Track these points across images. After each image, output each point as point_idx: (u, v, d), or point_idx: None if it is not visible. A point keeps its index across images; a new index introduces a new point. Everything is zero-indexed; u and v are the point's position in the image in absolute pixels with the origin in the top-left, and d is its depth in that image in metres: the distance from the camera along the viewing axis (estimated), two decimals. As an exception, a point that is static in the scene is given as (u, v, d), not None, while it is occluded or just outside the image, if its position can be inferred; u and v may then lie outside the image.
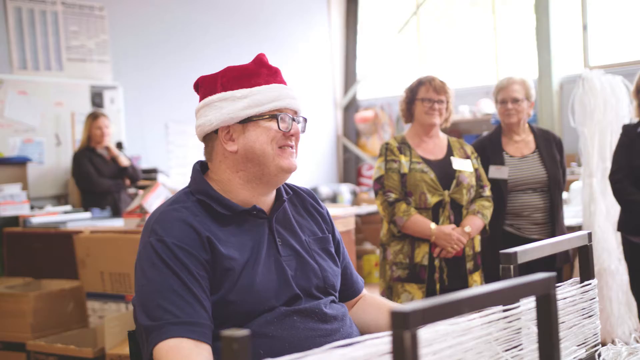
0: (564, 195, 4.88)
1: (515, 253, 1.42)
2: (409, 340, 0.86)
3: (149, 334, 1.50)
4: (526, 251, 1.45)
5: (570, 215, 4.64)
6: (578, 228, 4.29)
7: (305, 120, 1.78)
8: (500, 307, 1.32)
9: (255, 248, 1.66)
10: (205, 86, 1.74)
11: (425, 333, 1.16)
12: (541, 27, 6.97)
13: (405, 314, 0.86)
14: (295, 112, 1.74)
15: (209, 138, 1.74)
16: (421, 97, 3.38)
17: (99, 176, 5.46)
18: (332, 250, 1.83)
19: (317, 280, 1.72)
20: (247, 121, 1.68)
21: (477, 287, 1.01)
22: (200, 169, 1.76)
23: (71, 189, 5.84)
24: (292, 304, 1.66)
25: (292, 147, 1.72)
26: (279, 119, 1.68)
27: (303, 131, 1.77)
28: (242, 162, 1.69)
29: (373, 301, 1.92)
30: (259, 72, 1.72)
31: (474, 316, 1.26)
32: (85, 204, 5.45)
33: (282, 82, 1.75)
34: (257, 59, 1.75)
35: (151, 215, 1.67)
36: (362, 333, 1.80)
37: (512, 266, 1.41)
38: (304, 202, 1.87)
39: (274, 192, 1.77)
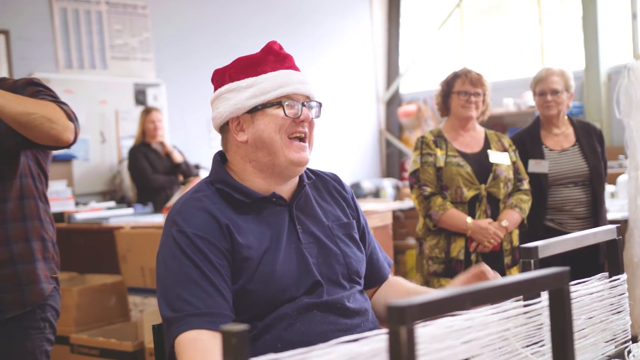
0: (611, 188, 4.77)
1: (535, 247, 1.39)
2: (404, 335, 0.84)
3: (170, 325, 1.52)
4: (547, 245, 1.42)
5: (616, 209, 4.52)
6: (624, 222, 4.19)
7: (319, 104, 1.75)
8: (521, 302, 1.29)
9: (275, 236, 1.65)
10: (217, 79, 1.74)
11: (439, 329, 1.14)
12: (588, 17, 6.80)
13: (402, 309, 0.85)
14: (308, 98, 1.71)
15: (224, 129, 1.75)
16: (457, 90, 3.34)
17: (154, 172, 5.54)
18: (357, 236, 1.81)
19: (339, 266, 1.71)
20: (255, 110, 1.67)
21: (483, 282, 0.99)
22: (221, 159, 1.77)
23: (127, 185, 5.94)
24: (313, 291, 1.65)
25: (303, 136, 1.70)
26: (285, 105, 1.66)
27: (317, 116, 1.74)
28: (253, 152, 1.68)
29: (395, 283, 1.90)
30: (266, 59, 1.70)
31: (491, 311, 1.23)
32: (140, 200, 5.55)
33: (291, 67, 1.72)
34: (266, 47, 1.73)
35: (173, 206, 1.69)
36: (383, 317, 1.79)
37: (532, 260, 1.38)
38: (328, 186, 1.85)
39: (296, 178, 1.75)
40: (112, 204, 5.40)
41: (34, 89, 2.13)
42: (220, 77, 1.73)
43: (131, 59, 6.42)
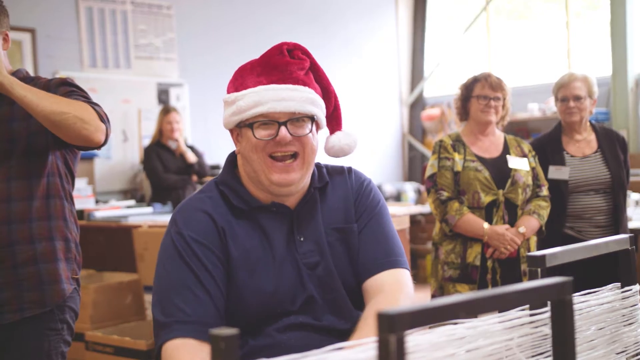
0: (635, 196, 4.69)
1: (543, 256, 1.35)
2: (394, 344, 0.82)
3: (159, 328, 1.52)
4: (556, 254, 1.38)
5: (640, 217, 4.45)
6: (648, 231, 4.11)
7: (311, 119, 1.61)
8: (526, 312, 1.26)
9: (270, 246, 1.61)
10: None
11: (440, 337, 1.12)
12: (617, 22, 6.71)
13: (391, 317, 0.83)
14: (294, 114, 1.58)
15: None
16: (477, 94, 3.30)
17: (165, 171, 5.57)
18: (354, 240, 1.68)
19: (335, 278, 1.64)
20: (240, 126, 1.62)
21: (481, 291, 0.96)
22: (234, 160, 1.72)
23: (146, 184, 5.98)
24: (308, 308, 1.60)
25: (290, 156, 1.60)
26: (255, 126, 1.57)
27: (309, 132, 1.61)
28: (245, 164, 1.65)
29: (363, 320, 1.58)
30: (252, 71, 1.61)
31: (494, 320, 1.20)
32: (155, 198, 5.59)
33: (279, 80, 1.58)
34: (266, 52, 1.65)
35: (179, 204, 1.68)
36: None
37: (539, 269, 1.35)
38: (337, 185, 1.74)
39: (305, 185, 1.67)
40: (131, 202, 5.42)
41: (67, 88, 2.13)
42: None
43: (155, 58, 6.46)
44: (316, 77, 1.67)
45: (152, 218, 4.62)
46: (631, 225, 3.93)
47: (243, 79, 1.62)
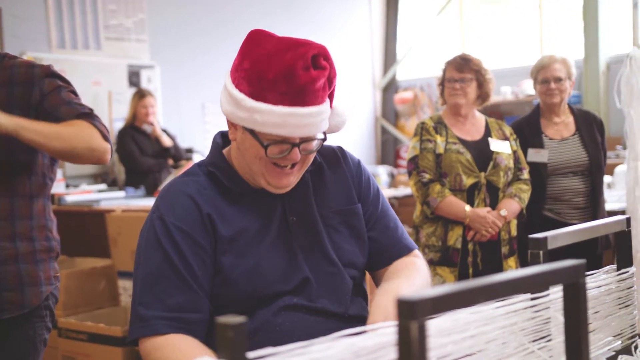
0: (608, 179, 4.72)
1: (545, 238, 1.33)
2: (415, 331, 0.78)
3: (137, 320, 1.49)
4: (557, 236, 1.36)
5: (614, 199, 4.48)
6: (621, 213, 4.14)
7: (323, 139, 1.55)
8: (529, 296, 1.24)
9: (263, 227, 1.57)
10: (234, 61, 1.54)
11: (445, 322, 1.09)
12: (589, 5, 6.74)
13: (412, 303, 0.79)
14: (309, 137, 1.50)
15: None
16: (447, 77, 3.30)
17: (141, 155, 5.48)
18: (358, 222, 1.67)
19: (331, 258, 1.61)
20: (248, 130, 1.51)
21: (496, 275, 0.93)
22: (223, 141, 1.66)
23: (118, 168, 5.86)
24: (302, 290, 1.57)
25: (291, 166, 1.54)
26: (267, 148, 1.48)
27: (317, 149, 1.56)
28: (240, 156, 1.57)
29: (394, 269, 1.67)
30: (276, 85, 1.44)
31: (498, 304, 1.18)
32: (129, 183, 5.49)
33: (303, 102, 1.45)
34: (289, 63, 1.43)
35: (163, 187, 1.63)
36: None
37: (541, 252, 1.32)
38: (331, 165, 1.70)
39: None
40: (103, 186, 5.32)
41: (54, 83, 2.05)
42: (235, 64, 1.53)
43: (125, 40, 6.32)
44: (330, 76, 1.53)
45: (124, 202, 4.54)
46: (606, 207, 3.96)
47: (262, 86, 1.45)
